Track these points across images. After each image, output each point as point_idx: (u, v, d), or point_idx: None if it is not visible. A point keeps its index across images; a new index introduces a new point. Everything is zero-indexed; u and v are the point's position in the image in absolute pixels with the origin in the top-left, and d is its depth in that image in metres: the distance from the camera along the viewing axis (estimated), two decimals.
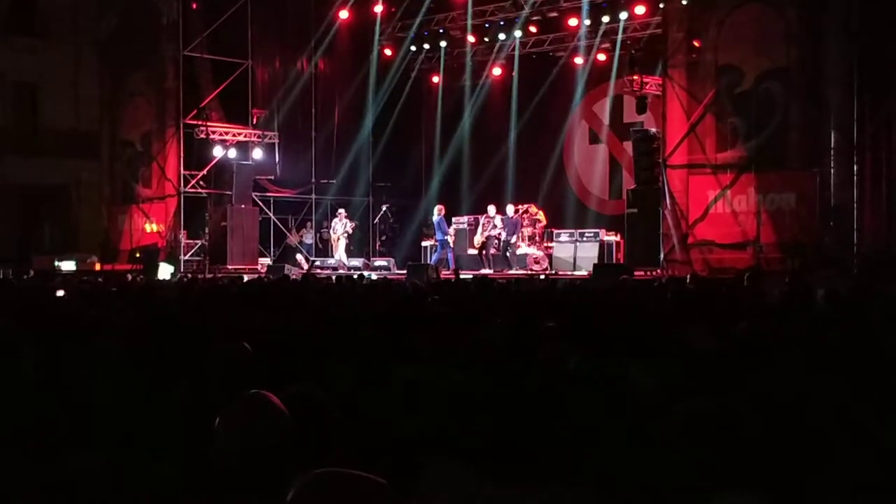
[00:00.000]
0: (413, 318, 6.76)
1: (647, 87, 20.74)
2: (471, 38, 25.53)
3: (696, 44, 18.43)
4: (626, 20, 22.87)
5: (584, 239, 21.49)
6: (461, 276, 17.74)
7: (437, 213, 22.16)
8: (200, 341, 5.06)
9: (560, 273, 19.67)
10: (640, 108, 21.13)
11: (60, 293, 11.06)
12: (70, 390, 3.51)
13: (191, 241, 23.87)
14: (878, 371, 4.21)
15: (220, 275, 19.10)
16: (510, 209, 21.95)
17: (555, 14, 23.93)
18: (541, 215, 22.52)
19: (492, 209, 22.17)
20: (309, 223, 25.73)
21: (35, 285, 13.85)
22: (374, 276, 17.53)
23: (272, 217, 25.19)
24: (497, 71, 26.43)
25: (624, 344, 4.84)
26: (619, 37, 23.35)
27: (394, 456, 2.69)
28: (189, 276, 19.88)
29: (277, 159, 25.32)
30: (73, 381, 3.64)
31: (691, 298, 9.52)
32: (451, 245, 22.23)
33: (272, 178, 25.21)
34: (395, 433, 2.78)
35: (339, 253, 23.35)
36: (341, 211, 23.87)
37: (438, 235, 22.08)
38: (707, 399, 2.78)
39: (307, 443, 2.83)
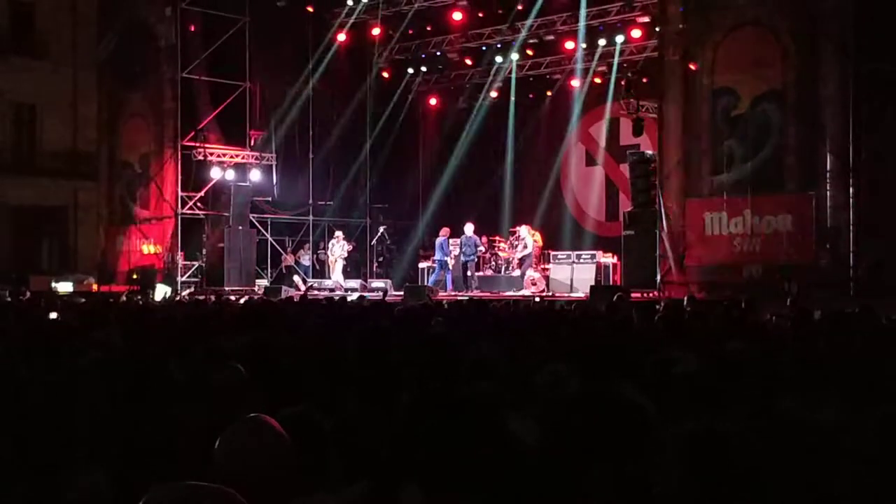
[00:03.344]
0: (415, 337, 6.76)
1: (643, 110, 20.84)
2: (468, 61, 25.68)
3: (691, 67, 18.54)
4: (622, 43, 23.08)
5: (581, 260, 21.52)
6: (458, 298, 17.71)
7: (442, 234, 22.14)
8: (193, 362, 5.06)
9: (557, 295, 19.66)
10: (637, 131, 21.22)
11: (53, 315, 11.02)
12: (69, 408, 3.52)
13: (188, 263, 23.88)
14: (875, 391, 4.21)
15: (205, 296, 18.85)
16: (468, 228, 21.83)
17: (551, 37, 24.10)
18: (537, 236, 22.52)
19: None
20: (306, 244, 25.74)
21: (32, 306, 13.82)
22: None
23: (269, 238, 25.21)
24: (494, 93, 26.56)
25: (621, 365, 4.85)
26: (616, 60, 23.52)
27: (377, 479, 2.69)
28: (186, 296, 19.84)
29: (275, 181, 25.39)
30: (72, 400, 3.64)
31: (688, 320, 9.53)
32: (450, 267, 22.22)
33: (270, 199, 25.26)
34: (394, 456, 2.78)
35: (336, 274, 23.35)
36: (339, 233, 23.90)
37: (438, 255, 22.06)
38: (705, 421, 2.78)
39: (303, 465, 2.83)
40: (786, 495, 2.82)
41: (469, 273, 21.52)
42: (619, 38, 22.92)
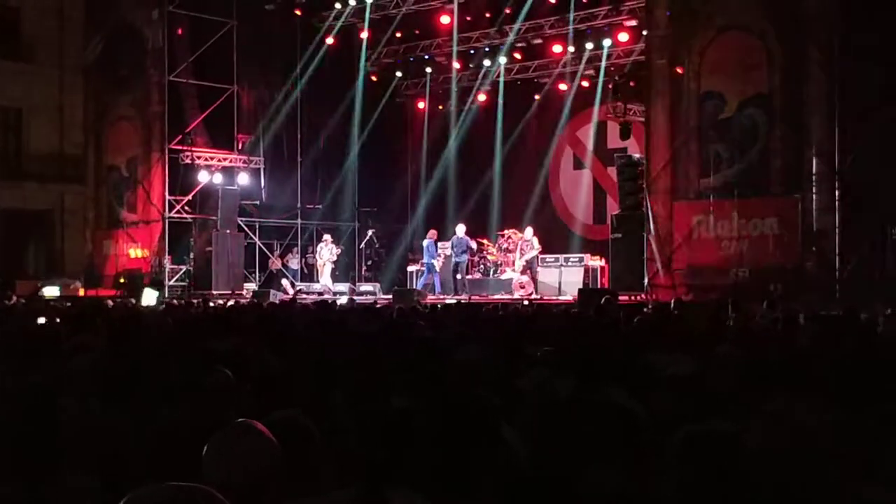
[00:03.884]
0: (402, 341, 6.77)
1: (630, 114, 20.89)
2: (456, 65, 25.71)
3: (678, 71, 18.61)
4: (609, 47, 23.17)
5: (569, 264, 21.57)
6: (446, 301, 17.72)
7: (429, 237, 22.14)
8: (182, 367, 5.05)
9: (545, 298, 19.70)
10: (624, 134, 21.27)
11: (42, 320, 10.96)
12: (57, 411, 3.51)
13: (175, 267, 23.80)
14: (866, 391, 4.24)
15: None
16: (460, 229, 21.79)
17: (539, 41, 24.17)
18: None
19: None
20: (294, 248, 25.70)
21: (19, 311, 13.75)
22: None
23: (257, 242, 25.15)
24: (482, 97, 26.62)
25: (610, 369, 4.86)
26: (603, 63, 23.61)
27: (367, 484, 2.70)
28: (175, 301, 19.76)
29: (263, 184, 25.35)
30: (60, 403, 3.63)
31: (675, 323, 9.56)
32: (438, 270, 22.21)
33: (257, 203, 25.21)
34: (385, 461, 2.79)
35: (325, 278, 23.32)
36: (327, 236, 23.87)
37: (426, 258, 22.06)
38: (703, 423, 2.80)
39: (293, 469, 2.83)
40: (781, 497, 2.83)
41: (459, 276, 21.50)
42: (607, 42, 23.01)
